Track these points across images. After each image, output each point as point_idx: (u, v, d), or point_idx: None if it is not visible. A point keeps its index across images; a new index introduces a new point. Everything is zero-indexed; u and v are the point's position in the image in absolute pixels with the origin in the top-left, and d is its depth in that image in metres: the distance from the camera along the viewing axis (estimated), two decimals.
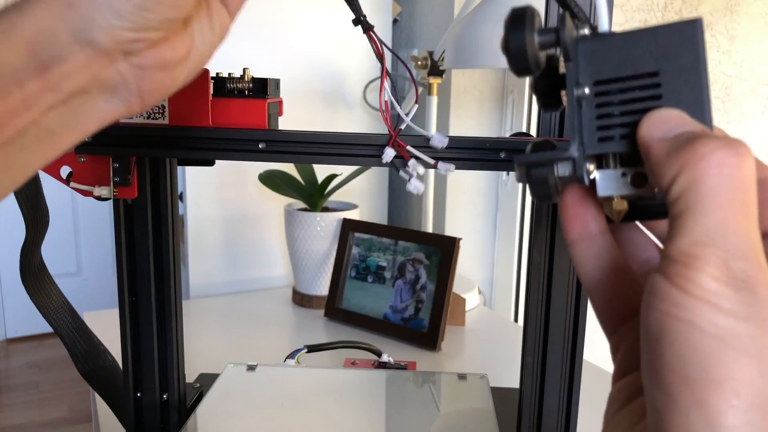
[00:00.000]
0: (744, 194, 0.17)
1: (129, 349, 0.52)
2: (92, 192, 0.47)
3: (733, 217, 0.17)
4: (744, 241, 0.17)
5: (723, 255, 0.17)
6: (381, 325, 0.95)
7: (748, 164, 0.17)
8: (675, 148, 0.18)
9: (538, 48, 0.21)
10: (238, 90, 0.47)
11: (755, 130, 1.52)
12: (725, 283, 0.17)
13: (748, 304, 0.16)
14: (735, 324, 0.16)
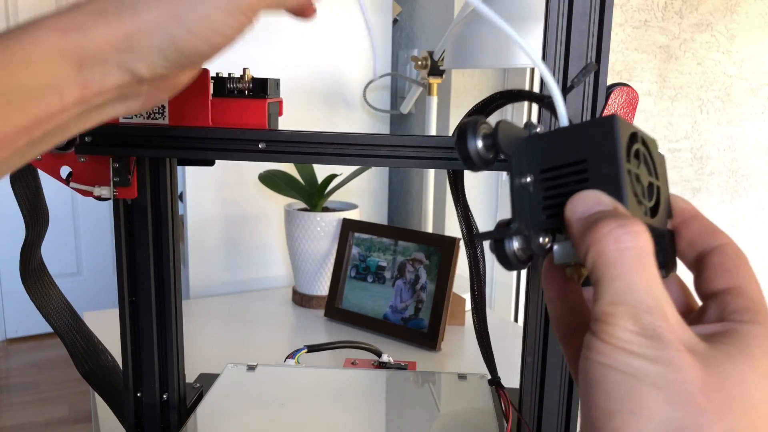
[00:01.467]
0: (641, 261, 0.21)
1: (129, 349, 0.52)
2: (92, 192, 0.47)
3: (635, 280, 0.21)
4: (648, 298, 0.21)
5: (632, 311, 0.21)
6: (381, 325, 0.95)
7: (641, 238, 0.21)
8: (585, 228, 0.22)
9: (482, 152, 0.26)
10: (238, 90, 0.47)
11: (755, 129, 1.52)
12: (636, 332, 0.20)
13: (656, 348, 0.20)
14: (646, 364, 0.20)
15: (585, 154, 0.24)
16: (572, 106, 0.43)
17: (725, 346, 0.21)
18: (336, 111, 1.24)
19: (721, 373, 0.20)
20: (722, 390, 0.20)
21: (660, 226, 0.25)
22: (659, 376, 0.20)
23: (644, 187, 0.24)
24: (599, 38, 0.42)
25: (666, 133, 1.40)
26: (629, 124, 0.25)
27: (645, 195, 0.24)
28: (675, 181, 1.44)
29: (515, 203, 0.26)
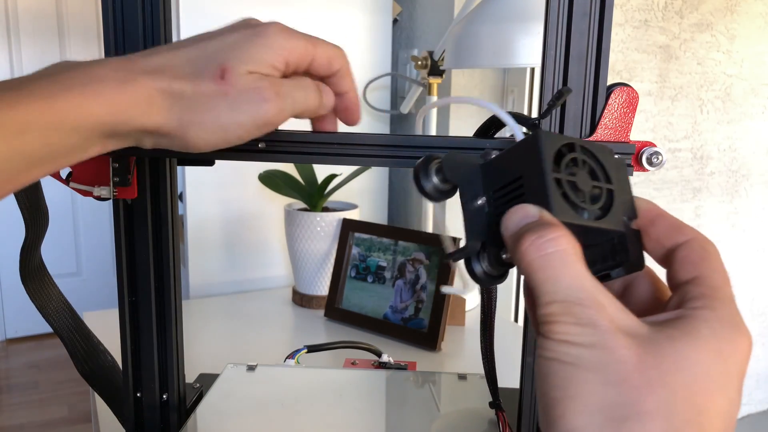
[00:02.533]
0: (564, 261, 0.23)
1: (129, 349, 0.52)
2: (92, 192, 0.47)
3: (562, 278, 0.23)
4: (577, 292, 0.23)
5: (565, 306, 0.23)
6: (381, 325, 0.95)
7: (561, 242, 0.23)
8: (513, 243, 0.25)
9: (439, 186, 0.29)
10: None
11: (755, 129, 1.52)
12: (572, 324, 0.22)
13: (591, 334, 0.22)
14: (583, 351, 0.22)
15: (521, 171, 0.27)
16: (573, 107, 0.43)
17: (670, 329, 0.23)
18: None
19: (660, 352, 0.22)
20: (658, 368, 0.21)
21: (612, 227, 0.26)
22: (595, 360, 0.22)
23: (586, 192, 0.26)
24: (599, 38, 0.42)
25: (666, 133, 1.40)
26: (562, 137, 0.27)
27: (587, 200, 0.26)
28: (675, 181, 1.44)
29: (471, 225, 0.28)
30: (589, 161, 0.27)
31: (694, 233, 0.27)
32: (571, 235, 0.24)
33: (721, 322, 0.23)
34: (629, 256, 0.27)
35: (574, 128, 0.43)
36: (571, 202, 0.26)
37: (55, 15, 2.63)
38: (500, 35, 0.80)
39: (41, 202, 0.52)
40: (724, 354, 0.22)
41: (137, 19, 0.46)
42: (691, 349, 0.22)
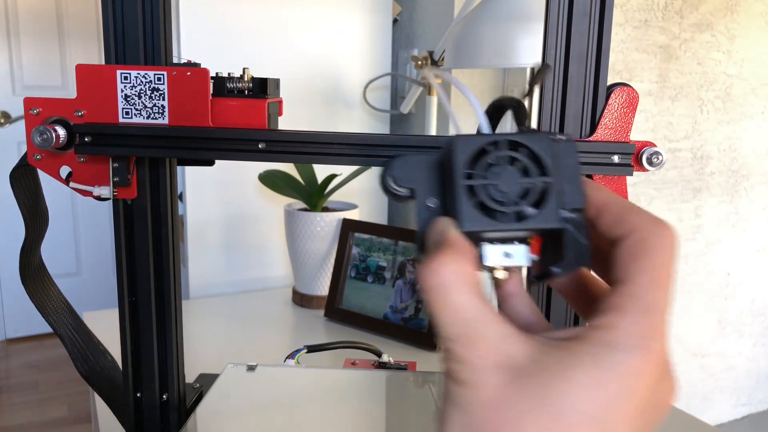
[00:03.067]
0: (441, 296, 0.23)
1: (129, 349, 0.52)
2: (92, 192, 0.47)
3: (439, 316, 0.23)
4: (451, 329, 0.22)
5: (444, 343, 0.23)
6: (381, 325, 0.95)
7: (438, 274, 0.23)
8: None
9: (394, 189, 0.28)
10: (238, 90, 0.47)
11: (756, 129, 1.52)
12: (452, 360, 0.22)
13: (465, 371, 0.22)
14: (456, 388, 0.22)
15: (447, 176, 0.26)
16: (573, 107, 0.43)
17: (550, 356, 0.22)
18: (336, 111, 1.24)
19: (526, 386, 0.21)
20: (516, 408, 0.21)
21: (539, 225, 0.25)
22: (462, 399, 0.22)
23: (510, 193, 0.25)
24: (599, 38, 0.42)
25: (666, 133, 1.40)
26: (481, 138, 0.26)
27: (510, 201, 0.25)
28: (675, 181, 1.44)
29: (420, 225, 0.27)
30: (520, 156, 0.26)
31: (637, 223, 0.24)
32: (463, 259, 0.24)
33: (610, 348, 0.21)
34: (571, 252, 0.26)
35: (574, 128, 0.43)
36: (486, 209, 0.25)
37: (55, 15, 2.62)
38: (500, 35, 0.80)
39: (41, 202, 0.52)
40: (606, 383, 0.21)
41: (137, 19, 0.46)
42: (561, 381, 0.21)
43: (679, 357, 1.55)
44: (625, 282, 0.23)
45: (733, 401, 1.67)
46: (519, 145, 0.26)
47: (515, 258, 0.27)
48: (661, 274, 0.23)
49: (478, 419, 0.21)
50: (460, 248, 0.24)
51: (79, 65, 0.45)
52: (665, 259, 0.23)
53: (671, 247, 0.23)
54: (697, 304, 1.54)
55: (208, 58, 1.08)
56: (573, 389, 0.20)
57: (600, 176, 0.44)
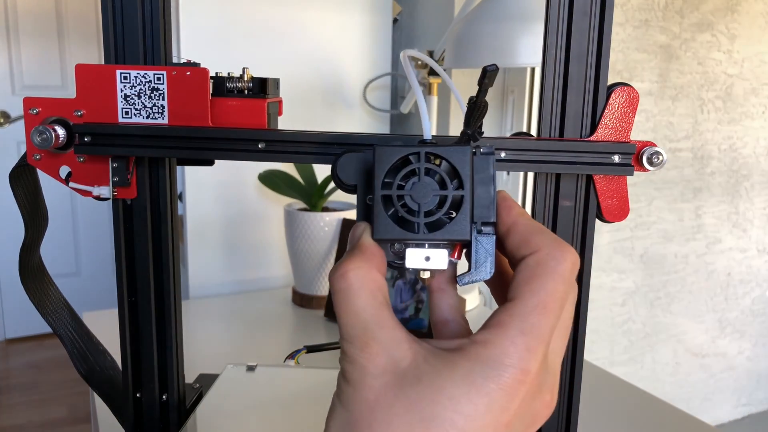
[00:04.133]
0: (345, 299, 0.24)
1: (128, 350, 0.52)
2: (91, 192, 0.47)
3: (341, 317, 0.24)
4: (349, 330, 0.24)
5: (342, 344, 0.24)
6: None
7: (346, 278, 0.24)
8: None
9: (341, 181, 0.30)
10: (237, 90, 0.47)
11: (756, 129, 1.52)
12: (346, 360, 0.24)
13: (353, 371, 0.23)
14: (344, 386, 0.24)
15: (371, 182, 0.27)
16: (573, 107, 0.43)
17: (428, 365, 0.23)
18: (336, 111, 1.24)
19: (400, 392, 0.22)
20: (388, 409, 0.22)
21: (448, 237, 0.27)
22: (347, 397, 0.23)
23: (422, 204, 0.26)
24: (600, 38, 0.42)
25: (667, 133, 1.40)
26: (401, 149, 0.27)
27: (422, 212, 0.26)
28: (675, 181, 1.44)
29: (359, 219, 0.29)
30: (437, 169, 0.27)
31: (539, 245, 0.25)
32: (370, 265, 0.25)
33: (483, 362, 0.22)
34: (469, 264, 0.28)
35: (574, 128, 0.43)
36: (399, 218, 0.26)
37: (55, 15, 2.62)
38: (500, 35, 0.80)
39: (41, 202, 0.52)
40: (476, 397, 0.22)
41: (137, 19, 0.46)
42: (434, 391, 0.22)
43: (679, 357, 1.55)
44: (513, 301, 0.24)
45: (734, 401, 1.67)
46: (437, 157, 0.27)
47: (434, 261, 0.28)
48: (550, 299, 0.23)
49: (356, 416, 0.22)
50: (370, 254, 0.25)
51: (78, 65, 0.45)
52: (558, 284, 0.24)
53: (569, 271, 0.24)
54: (698, 304, 1.54)
55: (208, 58, 1.08)
56: (443, 400, 0.22)
57: (600, 176, 0.44)
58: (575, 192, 0.45)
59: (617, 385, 0.84)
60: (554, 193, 0.45)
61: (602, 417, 0.75)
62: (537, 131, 0.44)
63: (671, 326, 1.52)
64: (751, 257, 1.59)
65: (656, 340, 1.50)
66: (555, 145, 0.42)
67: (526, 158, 0.42)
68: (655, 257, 1.45)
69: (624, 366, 1.47)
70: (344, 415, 0.23)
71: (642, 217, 1.41)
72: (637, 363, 1.49)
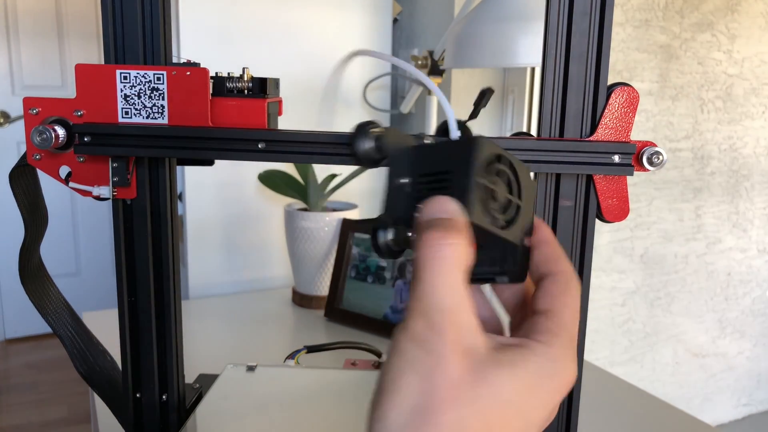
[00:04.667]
0: (447, 269, 0.24)
1: (128, 350, 0.52)
2: (91, 192, 0.47)
3: (437, 284, 0.24)
4: (443, 301, 0.24)
5: (427, 309, 0.24)
6: (381, 326, 0.94)
7: (454, 250, 0.25)
8: (422, 229, 0.26)
9: (371, 152, 0.32)
10: (237, 90, 0.47)
11: (756, 129, 1.52)
12: (425, 327, 0.24)
13: (435, 342, 0.23)
14: (422, 354, 0.23)
15: (451, 166, 0.28)
16: (573, 107, 0.43)
17: (503, 355, 0.25)
18: (336, 111, 1.24)
19: (482, 374, 0.24)
20: (472, 390, 0.23)
21: (511, 239, 0.28)
22: (426, 366, 0.23)
23: (501, 203, 0.28)
24: (600, 38, 0.42)
25: (667, 133, 1.40)
26: (497, 148, 0.28)
27: (500, 209, 0.28)
28: (675, 181, 1.44)
29: (390, 200, 0.30)
30: (509, 175, 0.29)
31: (564, 267, 0.29)
32: (468, 244, 0.26)
33: (550, 359, 0.25)
34: (515, 268, 0.30)
35: (574, 128, 0.43)
36: (485, 207, 0.27)
37: (55, 15, 2.62)
38: (500, 35, 0.80)
39: (41, 202, 0.52)
40: (538, 389, 0.25)
41: (137, 19, 0.46)
42: (508, 378, 0.24)
43: (679, 357, 1.55)
44: (555, 312, 0.27)
45: (734, 401, 1.67)
46: (512, 167, 0.29)
47: None
48: (576, 313, 0.28)
49: (439, 390, 0.23)
50: (467, 233, 0.26)
51: (78, 65, 0.45)
52: (577, 300, 0.28)
53: (579, 294, 0.29)
54: (698, 305, 1.54)
55: (208, 58, 1.08)
56: (520, 389, 0.24)
57: (600, 176, 0.44)
58: (575, 192, 0.45)
59: (617, 385, 0.84)
60: (554, 193, 0.45)
61: (602, 417, 0.75)
62: (537, 131, 0.44)
63: (671, 326, 1.52)
64: (751, 257, 1.59)
65: (656, 340, 1.50)
66: (555, 145, 0.42)
67: (526, 158, 0.42)
68: (655, 257, 1.45)
69: (624, 366, 1.47)
70: (423, 385, 0.23)
71: (642, 217, 1.41)
72: (637, 363, 1.49)
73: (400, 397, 0.23)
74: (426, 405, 0.23)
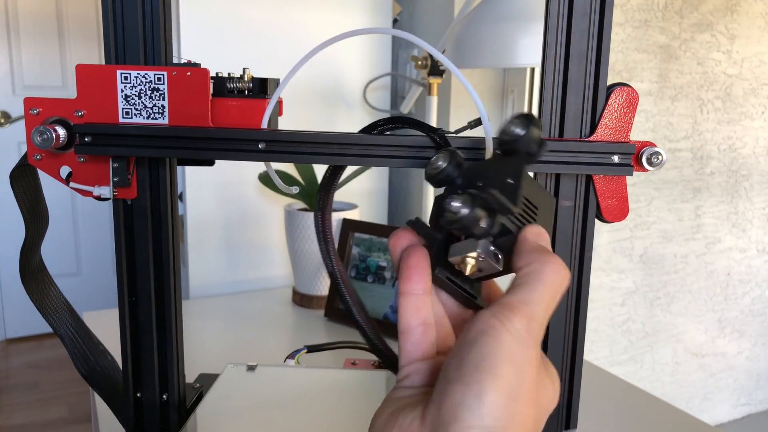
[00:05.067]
0: (559, 290, 0.29)
1: (129, 349, 0.52)
2: (92, 192, 0.47)
3: (541, 297, 0.28)
4: (538, 311, 0.28)
5: (526, 313, 0.27)
6: (381, 326, 0.95)
7: (567, 279, 0.29)
8: (540, 249, 0.29)
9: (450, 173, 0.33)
10: (238, 90, 0.47)
11: (755, 129, 1.52)
12: (524, 323, 0.27)
13: (529, 336, 0.27)
14: (513, 343, 0.27)
15: (539, 204, 0.32)
16: (573, 107, 0.43)
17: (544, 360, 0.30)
18: (336, 111, 1.24)
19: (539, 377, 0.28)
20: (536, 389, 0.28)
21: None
22: (520, 362, 0.27)
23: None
24: (599, 38, 0.42)
25: (666, 133, 1.40)
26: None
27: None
28: (675, 181, 1.44)
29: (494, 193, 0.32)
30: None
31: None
32: None
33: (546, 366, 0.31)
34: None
35: (574, 128, 0.43)
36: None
37: (55, 15, 2.63)
38: (500, 35, 0.80)
39: (41, 202, 0.52)
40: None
41: (137, 19, 0.46)
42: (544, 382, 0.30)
43: (679, 357, 1.55)
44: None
45: (734, 401, 1.67)
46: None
47: None
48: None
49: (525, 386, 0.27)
50: None
51: (79, 65, 0.45)
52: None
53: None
54: (697, 304, 1.54)
55: (208, 58, 1.08)
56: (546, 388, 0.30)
57: (600, 176, 0.44)
58: (575, 192, 0.45)
59: (617, 385, 0.84)
60: (554, 193, 0.45)
61: (602, 417, 0.75)
62: None
63: (671, 326, 1.52)
64: (750, 257, 1.59)
65: (656, 339, 1.50)
66: (555, 145, 0.42)
67: None
68: (655, 257, 1.45)
69: (624, 366, 1.47)
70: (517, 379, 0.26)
71: (641, 217, 1.41)
72: (637, 363, 1.49)
73: (498, 383, 0.26)
74: (516, 395, 0.26)
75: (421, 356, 0.32)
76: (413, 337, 0.32)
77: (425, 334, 0.32)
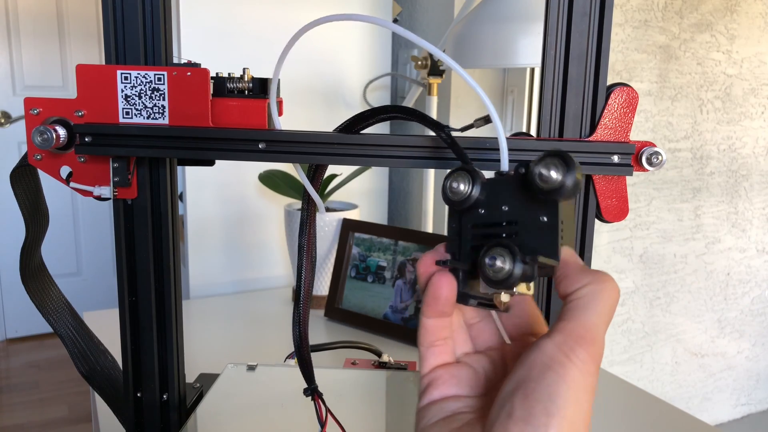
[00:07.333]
0: (612, 307, 0.28)
1: (129, 349, 0.52)
2: (92, 192, 0.47)
3: (602, 319, 0.28)
4: (598, 335, 0.27)
5: (589, 339, 0.27)
6: (381, 325, 0.95)
7: (618, 288, 0.29)
8: (586, 269, 0.29)
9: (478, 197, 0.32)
10: (238, 90, 0.47)
11: (755, 129, 1.52)
12: (590, 351, 0.27)
13: (591, 363, 0.27)
14: (575, 371, 0.26)
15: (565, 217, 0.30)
16: (573, 107, 0.43)
17: None
18: (336, 111, 1.24)
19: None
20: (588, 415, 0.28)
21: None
22: (582, 391, 0.26)
23: None
24: (599, 38, 0.42)
25: (666, 133, 1.40)
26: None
27: None
28: (675, 181, 1.44)
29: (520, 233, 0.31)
30: None
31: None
32: None
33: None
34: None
35: (573, 128, 0.43)
36: None
37: (55, 15, 2.63)
38: (500, 35, 0.80)
39: (41, 202, 0.52)
40: None
41: (137, 19, 0.46)
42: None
43: (678, 357, 1.55)
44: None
45: (733, 401, 1.67)
46: None
47: None
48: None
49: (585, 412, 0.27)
50: None
51: (79, 65, 0.45)
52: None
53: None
54: (697, 304, 1.54)
55: (208, 58, 1.08)
56: None
57: (600, 176, 0.44)
58: None
59: (617, 385, 0.84)
60: None
61: (602, 417, 0.75)
62: (537, 131, 0.44)
63: (670, 326, 1.52)
64: (750, 257, 1.59)
65: (655, 339, 1.50)
66: (555, 145, 0.42)
67: (526, 159, 0.42)
68: (655, 257, 1.45)
69: (623, 366, 1.47)
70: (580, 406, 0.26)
71: (641, 217, 1.42)
72: (637, 363, 1.49)
73: (563, 423, 0.26)
74: (577, 429, 0.26)
75: (441, 363, 0.34)
76: (435, 349, 0.35)
77: (445, 344, 0.35)
